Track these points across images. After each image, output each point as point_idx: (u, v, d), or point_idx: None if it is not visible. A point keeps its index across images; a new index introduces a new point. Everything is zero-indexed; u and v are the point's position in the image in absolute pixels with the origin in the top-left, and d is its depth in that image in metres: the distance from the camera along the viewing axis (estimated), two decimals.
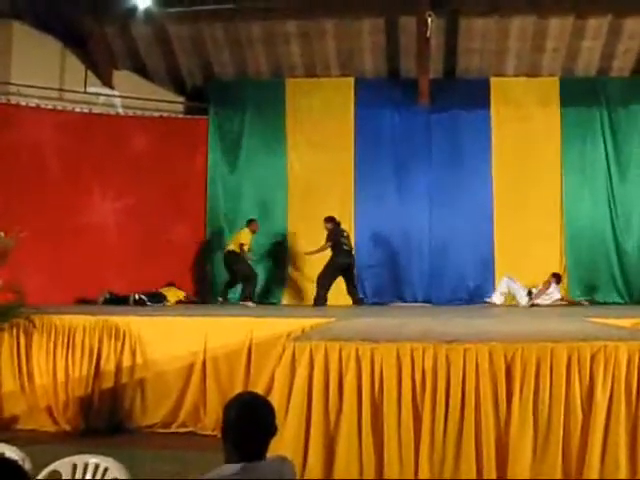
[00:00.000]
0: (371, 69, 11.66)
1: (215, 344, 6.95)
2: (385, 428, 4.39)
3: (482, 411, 4.36)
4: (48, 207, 10.20)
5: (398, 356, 4.47)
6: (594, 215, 11.36)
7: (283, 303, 11.41)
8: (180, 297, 10.65)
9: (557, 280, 10.69)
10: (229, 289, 11.06)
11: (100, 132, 10.93)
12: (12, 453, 3.18)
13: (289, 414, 4.47)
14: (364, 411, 4.40)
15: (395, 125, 11.70)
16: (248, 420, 2.58)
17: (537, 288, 10.61)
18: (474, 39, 11.01)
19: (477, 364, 4.42)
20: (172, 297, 10.45)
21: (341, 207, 11.34)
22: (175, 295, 10.57)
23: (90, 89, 11.21)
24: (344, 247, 10.51)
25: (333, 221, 10.58)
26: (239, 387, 6.64)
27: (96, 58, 11.23)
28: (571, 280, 11.13)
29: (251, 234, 10.79)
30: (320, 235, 10.62)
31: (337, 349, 4.54)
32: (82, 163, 10.77)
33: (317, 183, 11.56)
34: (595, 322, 6.58)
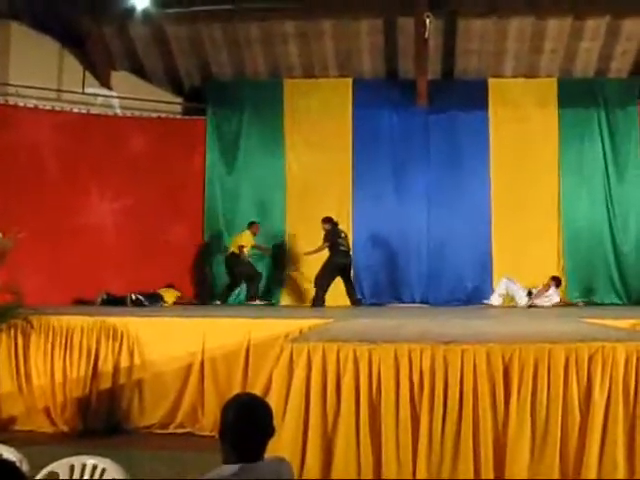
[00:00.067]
0: (369, 70, 11.67)
1: (213, 345, 6.93)
2: (383, 429, 4.38)
3: (480, 412, 4.36)
4: (46, 208, 10.20)
5: (396, 357, 4.46)
6: (592, 216, 11.38)
7: (281, 304, 11.41)
8: (176, 297, 10.63)
9: (557, 284, 10.68)
10: (230, 292, 11.05)
11: (98, 133, 10.94)
12: (10, 454, 3.18)
13: (287, 415, 4.47)
14: (362, 412, 4.40)
15: (393, 126, 11.72)
16: (246, 421, 2.58)
17: (537, 289, 10.62)
18: (472, 40, 11.03)
19: (475, 365, 4.42)
20: (169, 298, 10.45)
21: (339, 207, 11.36)
22: (172, 296, 10.57)
23: (88, 90, 11.22)
24: (341, 248, 10.51)
25: (330, 222, 10.59)
26: (237, 388, 6.63)
27: (94, 59, 11.23)
28: (569, 281, 11.13)
29: (252, 236, 10.82)
30: (318, 235, 10.62)
31: (335, 350, 4.53)
32: (80, 164, 10.77)
33: (315, 183, 11.57)
34: (593, 323, 6.57)
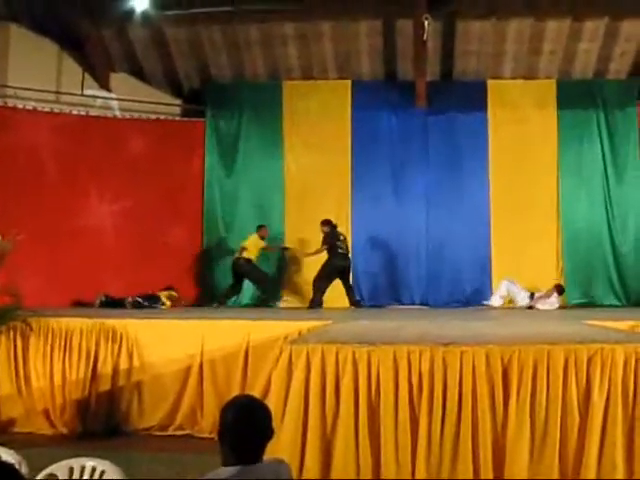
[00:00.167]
0: (368, 71, 11.67)
1: (212, 347, 6.93)
2: (382, 430, 4.38)
3: (479, 413, 4.36)
4: (45, 210, 10.20)
5: (395, 359, 4.46)
6: (591, 217, 11.38)
7: (280, 306, 11.40)
8: (173, 299, 10.62)
9: (559, 292, 10.66)
10: (231, 295, 11.02)
11: (97, 135, 10.93)
12: (9, 456, 3.18)
13: (286, 417, 4.47)
14: (361, 414, 4.40)
15: (392, 127, 11.72)
16: (245, 423, 2.58)
17: (539, 293, 10.60)
18: (471, 42, 11.04)
19: (474, 366, 4.42)
20: (168, 300, 10.43)
21: (338, 209, 11.36)
22: (171, 298, 10.55)
23: (87, 92, 11.21)
24: (340, 250, 10.49)
25: (329, 224, 10.58)
26: (236, 390, 6.63)
27: (93, 61, 11.23)
28: (568, 282, 11.10)
29: (260, 240, 10.83)
30: (317, 237, 10.63)
31: (334, 352, 4.53)
32: (79, 166, 10.76)
33: (314, 185, 11.57)
34: (592, 325, 6.57)
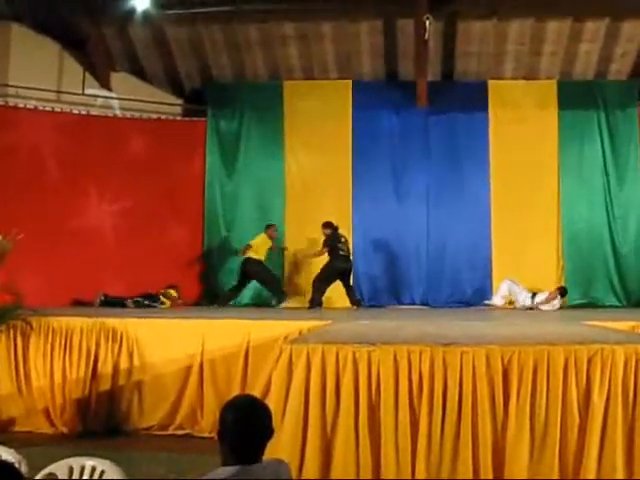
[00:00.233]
0: (369, 71, 11.66)
1: (212, 346, 6.94)
2: (382, 431, 4.38)
3: (479, 413, 4.36)
4: (46, 209, 10.19)
5: (395, 359, 4.47)
6: (591, 217, 11.36)
7: (281, 306, 11.38)
8: (172, 298, 10.61)
9: (562, 294, 10.65)
10: (234, 295, 11.01)
11: (98, 134, 10.91)
12: (9, 455, 3.18)
13: (286, 417, 4.47)
14: (361, 414, 4.40)
15: (393, 128, 11.71)
16: (245, 423, 2.58)
17: (541, 293, 10.58)
18: (472, 42, 11.02)
19: (474, 367, 4.42)
20: (167, 299, 10.42)
21: (339, 209, 11.34)
22: (170, 297, 10.53)
23: (88, 91, 11.20)
24: (341, 252, 10.46)
25: (331, 226, 10.54)
26: (236, 390, 6.63)
27: (94, 60, 11.22)
28: (569, 283, 11.09)
29: (268, 239, 10.83)
30: (318, 237, 10.66)
31: (334, 352, 4.53)
32: (80, 165, 10.74)
33: (315, 185, 11.57)
34: (592, 325, 6.58)
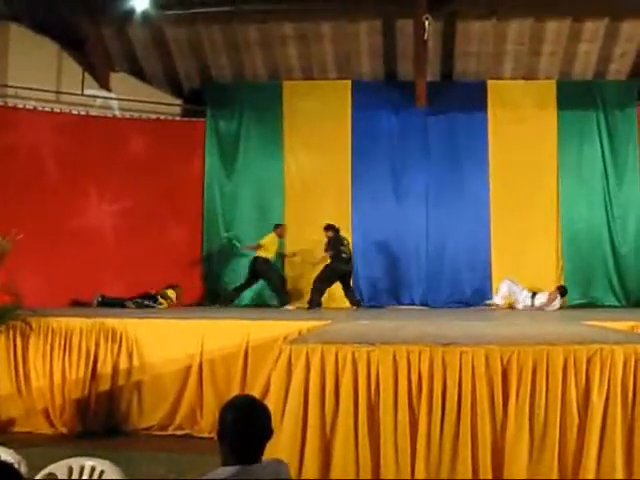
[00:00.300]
0: (368, 72, 11.67)
1: (212, 347, 6.94)
2: (381, 431, 4.38)
3: (478, 413, 4.36)
4: (45, 209, 10.19)
5: (394, 359, 4.47)
6: (591, 217, 11.37)
7: (282, 308, 11.38)
8: (171, 298, 10.61)
9: (562, 294, 10.66)
10: (245, 290, 11.02)
11: (97, 134, 10.92)
12: (8, 456, 3.18)
13: (285, 417, 4.47)
14: (360, 414, 4.40)
15: (392, 128, 11.71)
16: (244, 423, 2.58)
17: (542, 293, 10.58)
18: (471, 42, 11.03)
19: (473, 367, 4.42)
20: (166, 300, 10.41)
21: (338, 209, 11.35)
22: (168, 297, 10.52)
23: (87, 91, 11.20)
24: (343, 255, 10.46)
25: (333, 229, 10.53)
26: (236, 390, 6.64)
27: (93, 60, 11.22)
28: (568, 283, 11.09)
29: (277, 239, 10.85)
30: (317, 237, 10.64)
31: (333, 352, 4.54)
32: (79, 165, 10.75)
33: (314, 185, 11.58)
34: (592, 325, 6.58)
